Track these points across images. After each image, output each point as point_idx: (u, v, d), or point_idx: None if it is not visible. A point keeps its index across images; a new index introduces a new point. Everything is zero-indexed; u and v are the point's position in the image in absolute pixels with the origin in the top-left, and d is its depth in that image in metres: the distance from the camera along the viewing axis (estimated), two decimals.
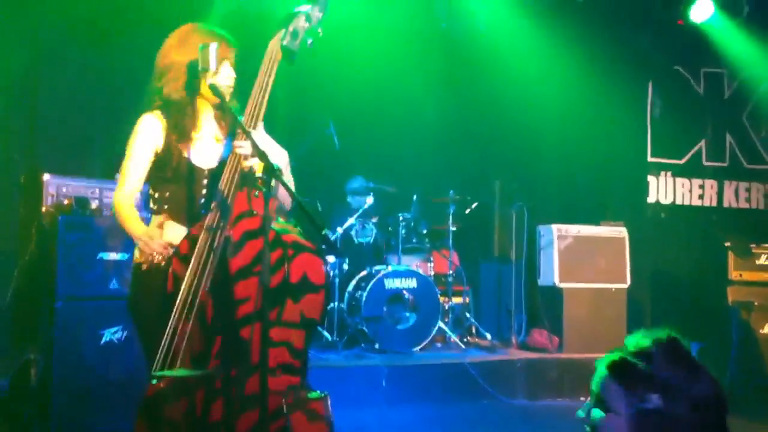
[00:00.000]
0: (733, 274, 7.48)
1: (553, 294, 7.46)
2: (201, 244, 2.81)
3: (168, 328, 2.76)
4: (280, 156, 3.07)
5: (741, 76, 8.83)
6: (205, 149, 3.14)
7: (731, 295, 7.40)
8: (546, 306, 7.66)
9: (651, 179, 8.84)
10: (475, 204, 7.80)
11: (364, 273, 7.11)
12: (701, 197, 8.93)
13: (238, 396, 2.67)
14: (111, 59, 6.34)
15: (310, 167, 7.19)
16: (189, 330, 2.77)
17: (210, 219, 2.84)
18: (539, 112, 8.16)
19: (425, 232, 7.49)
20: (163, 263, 2.93)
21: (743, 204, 9.02)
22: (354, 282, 7.10)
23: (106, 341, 4.93)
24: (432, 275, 7.34)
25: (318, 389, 5.87)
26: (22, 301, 5.18)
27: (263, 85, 3.00)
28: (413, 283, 6.92)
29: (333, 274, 6.98)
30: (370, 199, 7.18)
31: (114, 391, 4.77)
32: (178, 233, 3.00)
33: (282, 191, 2.89)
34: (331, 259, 6.82)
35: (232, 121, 3.10)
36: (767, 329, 7.32)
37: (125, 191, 3.07)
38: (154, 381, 2.79)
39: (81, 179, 5.22)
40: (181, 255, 2.88)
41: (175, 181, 3.07)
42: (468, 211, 7.83)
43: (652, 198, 8.84)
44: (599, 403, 2.20)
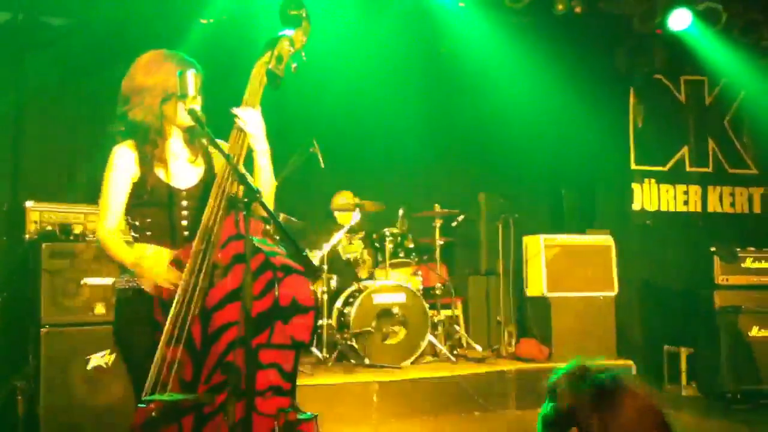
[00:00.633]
0: (720, 278, 7.52)
1: (542, 304, 7.48)
2: (188, 268, 2.78)
3: (156, 354, 2.73)
4: (265, 144, 3.07)
5: (721, 82, 8.92)
6: (180, 171, 3.12)
7: (718, 300, 7.43)
8: (535, 316, 7.68)
9: (635, 187, 8.87)
10: (462, 217, 7.79)
11: (352, 288, 7.09)
12: (686, 203, 8.97)
13: (228, 421, 2.64)
14: (92, 88, 6.34)
15: (296, 185, 7.20)
16: (178, 355, 2.74)
17: (197, 243, 2.82)
18: (522, 125, 8.19)
19: (412, 246, 7.47)
20: (145, 287, 2.91)
21: (728, 209, 9.05)
22: (342, 298, 7.08)
23: (93, 366, 4.89)
24: (420, 289, 7.31)
25: (309, 407, 5.86)
26: (7, 329, 5.14)
27: (251, 106, 3.00)
28: (401, 298, 6.90)
29: (321, 290, 6.95)
30: (356, 215, 7.15)
31: (103, 418, 4.73)
32: (161, 258, 2.97)
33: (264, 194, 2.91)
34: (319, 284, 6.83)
35: (206, 148, 3.09)
36: (755, 332, 7.35)
37: (109, 224, 3.03)
38: (142, 405, 2.76)
39: (64, 205, 5.19)
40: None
41: (154, 205, 3.04)
42: (455, 224, 7.83)
43: (637, 205, 8.87)
44: None
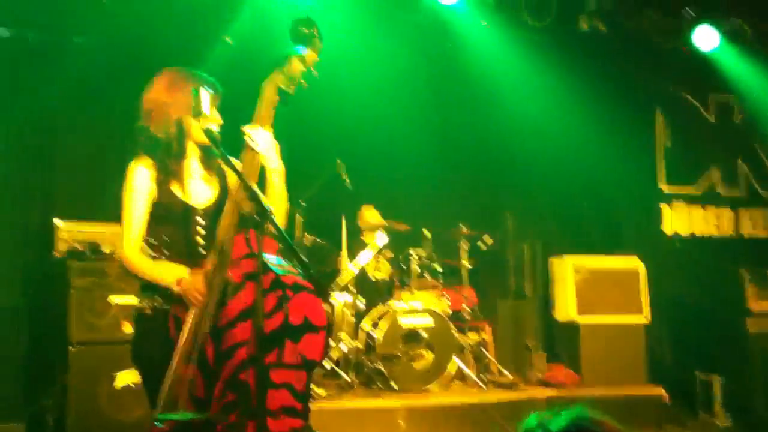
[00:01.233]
0: (753, 304, 7.38)
1: (571, 329, 7.39)
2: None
3: (169, 371, 2.76)
4: (278, 161, 3.11)
5: (751, 101, 8.78)
6: (196, 188, 3.16)
7: (751, 326, 7.29)
8: (563, 341, 7.58)
9: (664, 208, 8.76)
10: (487, 238, 7.75)
11: (378, 311, 7.08)
12: (717, 226, 8.84)
13: None
14: (121, 105, 6.44)
15: (322, 206, 7.24)
16: (190, 374, 2.77)
17: (209, 262, 2.85)
18: (548, 144, 8.15)
19: (438, 267, 7.45)
20: (162, 306, 2.95)
21: (760, 232, 8.90)
22: (369, 320, 7.07)
23: (120, 385, 4.94)
24: (448, 312, 7.27)
25: (335, 431, 5.85)
26: (36, 347, 5.22)
27: (261, 125, 3.04)
28: (428, 321, 6.88)
29: (348, 312, 6.96)
30: (382, 236, 7.16)
31: None
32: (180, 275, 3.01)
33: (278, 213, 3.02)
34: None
35: (221, 166, 3.12)
36: None
37: (132, 244, 3.07)
38: (158, 424, 2.80)
39: (92, 223, 5.27)
40: (181, 298, 2.90)
41: (171, 223, 3.09)
42: (481, 245, 7.78)
43: (666, 228, 8.76)
44: None
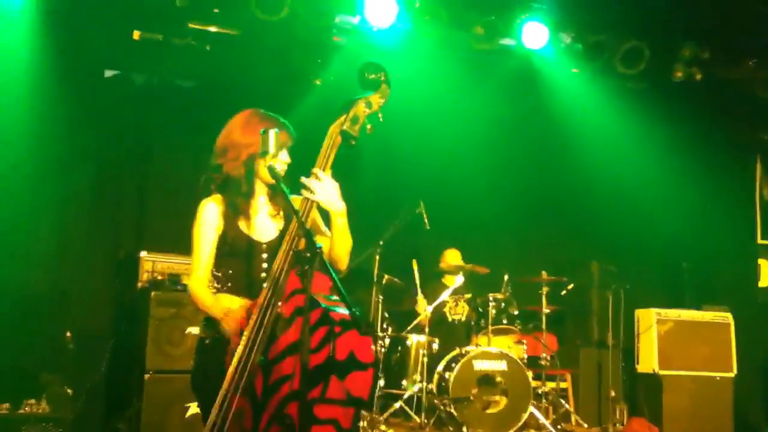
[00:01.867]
0: None
1: (653, 381, 7.20)
2: (253, 320, 2.90)
3: (218, 400, 2.84)
4: (339, 204, 3.13)
5: None
6: (262, 224, 3.26)
7: None
8: (646, 394, 7.38)
9: (762, 263, 8.44)
10: (571, 286, 7.65)
11: (453, 353, 7.04)
12: None
13: None
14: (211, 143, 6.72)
15: (402, 246, 7.31)
16: (240, 404, 2.84)
17: (263, 296, 2.93)
18: (637, 193, 8.05)
19: (516, 312, 7.38)
20: (226, 336, 3.04)
21: None
22: (443, 362, 7.04)
23: (191, 415, 5.07)
24: (524, 358, 7.17)
25: None
26: (115, 373, 5.43)
27: (322, 168, 3.11)
28: (503, 366, 6.80)
29: (422, 353, 6.96)
30: (459, 278, 7.16)
31: None
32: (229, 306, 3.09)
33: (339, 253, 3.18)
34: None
35: (285, 204, 3.20)
36: None
37: (199, 277, 3.18)
38: None
39: (174, 256, 5.47)
40: (240, 328, 2.98)
41: (236, 257, 3.19)
42: (564, 293, 7.68)
43: (763, 282, 8.42)
44: None
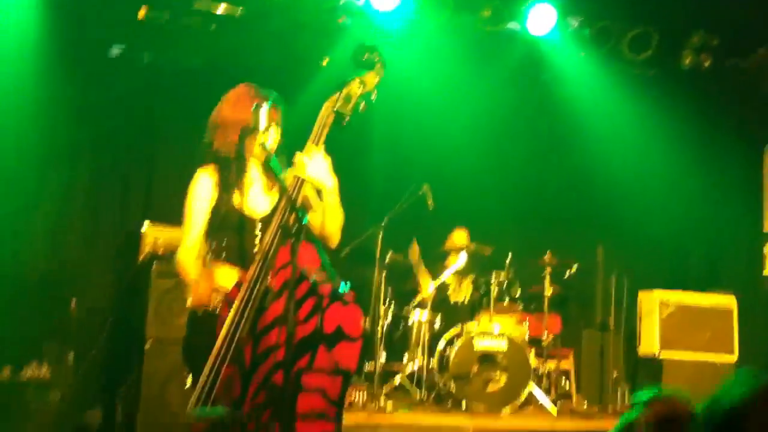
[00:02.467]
0: None
1: (654, 364, 7.23)
2: (242, 292, 2.95)
3: (207, 368, 2.90)
4: (329, 181, 3.16)
5: None
6: (256, 199, 3.32)
7: None
8: (646, 376, 7.40)
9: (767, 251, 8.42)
10: (575, 267, 7.65)
11: (454, 331, 7.10)
12: None
13: None
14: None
15: (407, 225, 7.34)
16: (228, 373, 2.90)
17: (252, 269, 2.98)
18: (646, 178, 8.06)
19: (519, 293, 7.41)
20: (216, 309, 3.10)
21: None
22: (444, 340, 7.10)
23: (191, 384, 5.14)
24: (526, 337, 7.22)
25: None
26: (116, 342, 5.51)
27: (314, 143, 3.14)
28: (504, 344, 6.85)
29: (423, 330, 7.02)
30: (462, 257, 7.20)
31: None
32: (230, 277, 3.15)
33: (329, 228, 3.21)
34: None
35: (273, 176, 3.24)
36: None
37: (187, 247, 3.27)
38: (196, 419, 2.95)
39: (174, 228, 5.50)
40: (230, 300, 3.03)
41: (229, 230, 3.25)
42: (568, 275, 7.69)
43: None
44: None
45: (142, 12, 6.84)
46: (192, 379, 3.26)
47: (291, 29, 7.08)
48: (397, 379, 6.96)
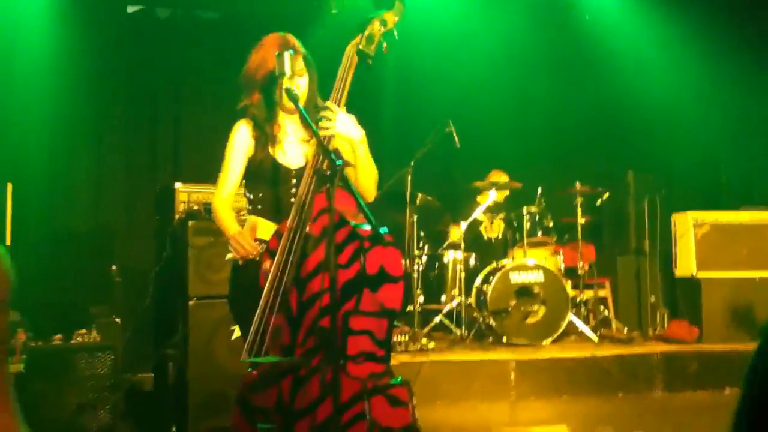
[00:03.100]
0: None
1: (692, 284, 7.21)
2: (283, 241, 2.98)
3: (256, 318, 2.96)
4: (357, 133, 3.16)
5: None
6: (292, 150, 3.33)
7: None
8: (684, 297, 7.41)
9: None
10: (606, 195, 7.63)
11: (490, 267, 7.14)
12: None
13: (320, 383, 2.82)
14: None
15: (434, 166, 7.34)
16: (276, 321, 2.95)
17: (291, 218, 3.01)
18: (672, 98, 7.94)
19: (551, 225, 7.41)
20: (257, 259, 3.15)
21: None
22: (481, 276, 7.14)
23: (237, 337, 5.22)
24: (561, 268, 7.24)
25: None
26: (160, 302, 5.60)
27: (340, 89, 3.14)
28: (540, 277, 6.88)
29: (459, 269, 7.07)
30: (492, 194, 7.20)
31: None
32: (269, 230, 3.20)
33: (364, 181, 3.19)
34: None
35: (302, 122, 3.25)
36: None
37: (222, 195, 3.32)
38: (249, 369, 3.03)
39: (208, 186, 5.53)
40: (271, 251, 3.07)
41: (265, 182, 3.28)
42: (599, 203, 7.67)
43: None
44: None
45: None
46: (240, 329, 3.34)
47: None
48: (437, 319, 7.03)
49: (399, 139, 7.45)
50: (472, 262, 7.29)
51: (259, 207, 3.31)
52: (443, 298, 7.25)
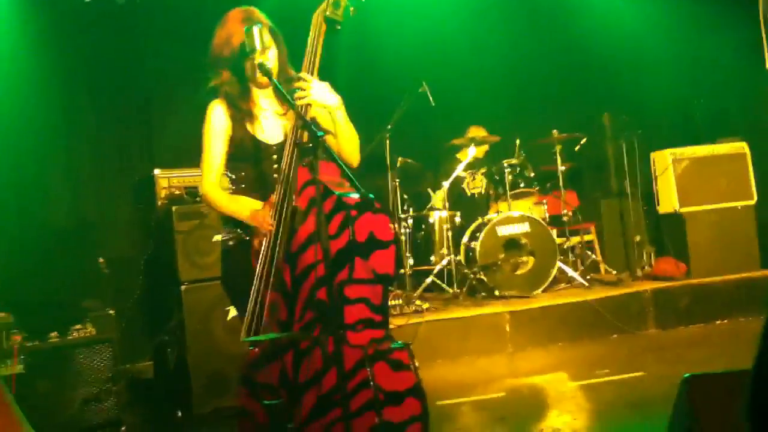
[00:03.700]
0: None
1: (675, 220, 7.28)
2: (271, 217, 2.98)
3: (251, 297, 2.96)
4: (333, 99, 3.14)
5: None
6: (270, 126, 3.28)
7: None
8: (669, 233, 7.47)
9: None
10: (584, 140, 7.65)
11: (476, 223, 7.17)
12: None
13: (321, 354, 2.84)
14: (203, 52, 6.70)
15: (412, 127, 7.32)
16: (272, 298, 2.95)
17: (276, 193, 3.00)
18: (641, 38, 7.94)
19: (533, 175, 7.44)
20: (247, 238, 3.14)
21: None
22: (468, 233, 7.18)
23: (233, 317, 5.23)
24: (546, 217, 7.29)
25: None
26: (151, 291, 5.59)
27: (312, 57, 3.11)
28: (526, 227, 6.93)
29: (446, 227, 7.09)
30: (471, 150, 7.20)
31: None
32: (254, 207, 3.17)
33: (346, 147, 3.19)
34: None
35: (278, 95, 3.21)
36: None
37: (211, 179, 3.21)
38: (250, 348, 3.04)
39: (188, 170, 5.51)
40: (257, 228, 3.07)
41: (247, 160, 3.23)
42: (578, 149, 7.70)
43: None
44: None
45: None
46: (236, 309, 3.33)
47: None
48: (428, 280, 7.08)
49: (374, 104, 7.41)
50: (458, 220, 7.31)
51: (243, 186, 3.27)
52: (432, 258, 7.28)
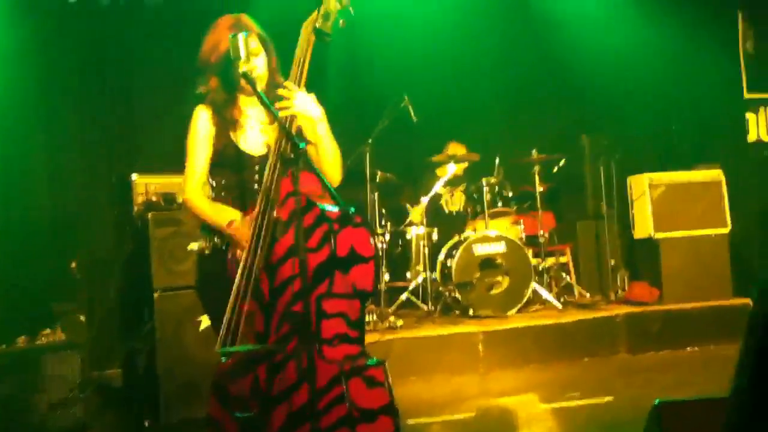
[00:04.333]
0: None
1: (650, 245, 7.32)
2: (252, 228, 2.95)
3: (228, 307, 2.92)
4: (316, 111, 3.12)
5: None
6: (254, 136, 3.26)
7: None
8: (644, 258, 7.52)
9: (750, 117, 8.46)
10: (563, 161, 7.69)
11: (453, 241, 7.17)
12: None
13: (296, 368, 2.81)
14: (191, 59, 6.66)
15: (391, 142, 7.32)
16: (249, 309, 2.92)
17: (258, 204, 2.98)
18: (621, 62, 8.01)
19: (511, 195, 7.47)
20: (223, 246, 3.11)
21: None
22: (444, 251, 7.17)
23: (205, 327, 5.18)
24: (522, 238, 7.30)
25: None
26: (123, 297, 5.53)
27: (299, 68, 3.09)
28: (502, 247, 6.93)
29: (422, 244, 7.08)
30: (451, 167, 7.21)
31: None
32: (234, 217, 3.14)
33: (327, 161, 3.17)
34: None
35: (262, 104, 3.18)
36: None
37: (193, 185, 3.19)
38: (223, 359, 3.00)
39: (166, 175, 5.46)
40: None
41: (229, 168, 3.21)
42: (556, 170, 7.74)
43: (752, 136, 8.47)
44: None
45: None
46: (210, 319, 3.29)
47: None
48: (403, 296, 7.06)
49: (356, 118, 7.41)
50: (435, 237, 7.31)
51: (223, 194, 3.25)
52: (408, 274, 7.27)
